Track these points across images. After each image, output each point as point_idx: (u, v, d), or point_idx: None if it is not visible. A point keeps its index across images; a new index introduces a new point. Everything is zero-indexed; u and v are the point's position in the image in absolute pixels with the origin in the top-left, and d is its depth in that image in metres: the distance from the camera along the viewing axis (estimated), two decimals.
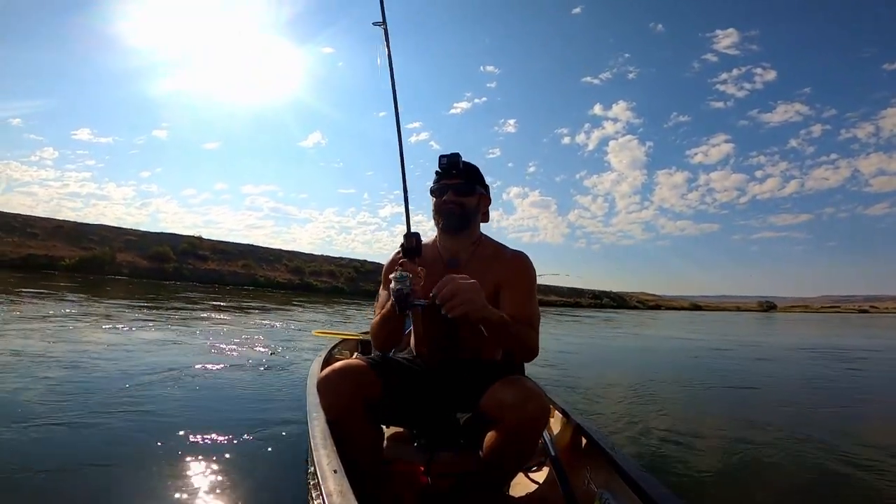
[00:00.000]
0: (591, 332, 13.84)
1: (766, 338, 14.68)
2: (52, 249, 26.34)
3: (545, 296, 55.27)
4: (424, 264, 1.47)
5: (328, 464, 1.12)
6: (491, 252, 1.58)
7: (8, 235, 27.33)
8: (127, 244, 29.59)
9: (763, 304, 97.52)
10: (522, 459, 1.38)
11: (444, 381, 1.46)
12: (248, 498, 1.88)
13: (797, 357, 8.96)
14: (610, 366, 7.05)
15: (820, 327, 23.74)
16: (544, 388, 1.99)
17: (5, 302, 8.89)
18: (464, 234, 1.57)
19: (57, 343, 4.91)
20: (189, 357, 4.71)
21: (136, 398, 3.12)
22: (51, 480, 1.91)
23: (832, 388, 5.64)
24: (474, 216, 1.58)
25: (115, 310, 9.11)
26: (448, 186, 1.55)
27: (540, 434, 1.34)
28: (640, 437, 3.03)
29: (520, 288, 1.49)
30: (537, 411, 1.25)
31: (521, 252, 1.58)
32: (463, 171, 1.56)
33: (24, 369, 3.70)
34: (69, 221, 31.81)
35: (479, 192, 1.59)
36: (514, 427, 1.25)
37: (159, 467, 2.08)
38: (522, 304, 1.45)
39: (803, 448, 2.95)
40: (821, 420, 3.90)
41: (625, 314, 33.13)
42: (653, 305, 72.32)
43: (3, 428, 2.40)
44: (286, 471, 2.12)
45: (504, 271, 1.51)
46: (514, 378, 1.32)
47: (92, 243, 28.58)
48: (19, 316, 6.98)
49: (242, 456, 2.25)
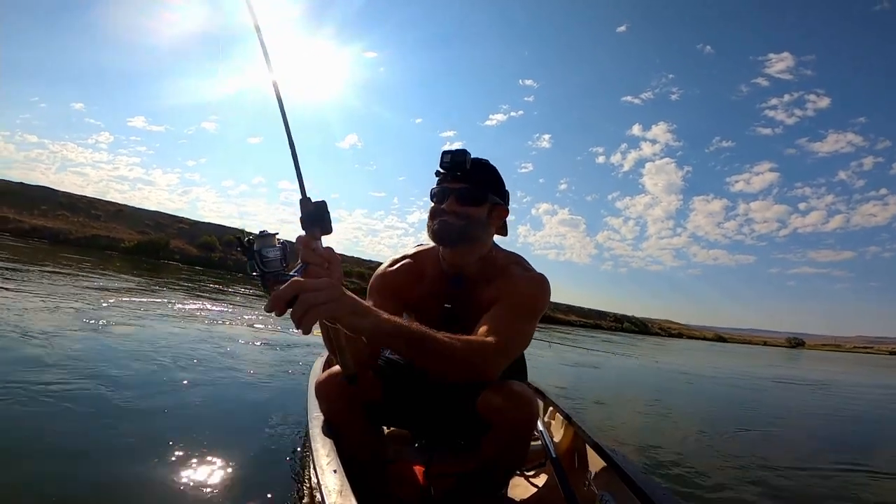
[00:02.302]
0: (580, 355, 12.23)
1: (757, 370, 15.16)
2: (114, 231, 28.77)
3: (565, 315, 55.44)
4: (424, 279, 1.36)
5: (328, 464, 1.13)
6: (501, 269, 1.34)
7: (74, 215, 29.97)
8: (179, 232, 32.00)
9: (791, 341, 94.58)
10: (516, 462, 1.37)
11: (439, 385, 1.34)
12: (248, 497, 1.86)
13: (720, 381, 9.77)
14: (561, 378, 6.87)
15: (826, 364, 23.55)
16: (546, 392, 2.13)
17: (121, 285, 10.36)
18: (464, 246, 1.31)
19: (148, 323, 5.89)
20: (210, 348, 4.73)
21: (136, 394, 3.05)
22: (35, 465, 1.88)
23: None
24: (482, 230, 1.31)
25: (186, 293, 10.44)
26: (450, 191, 1.28)
27: (529, 438, 1.31)
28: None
29: (511, 304, 1.24)
30: (524, 416, 1.23)
31: (538, 274, 1.34)
32: (471, 174, 1.28)
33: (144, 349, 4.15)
34: (129, 206, 34.55)
35: (492, 202, 1.31)
36: (504, 431, 1.24)
37: (156, 465, 2.05)
38: (502, 320, 1.20)
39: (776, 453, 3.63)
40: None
41: (642, 340, 33.35)
42: (675, 333, 71.13)
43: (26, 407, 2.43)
44: (286, 470, 2.12)
45: (508, 286, 1.29)
46: (506, 382, 1.25)
47: (148, 228, 31.06)
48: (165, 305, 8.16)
49: (242, 455, 2.23)
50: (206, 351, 4.61)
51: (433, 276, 1.38)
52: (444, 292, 1.35)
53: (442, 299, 1.35)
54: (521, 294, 1.28)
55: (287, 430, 2.68)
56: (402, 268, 1.41)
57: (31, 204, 29.13)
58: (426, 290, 1.37)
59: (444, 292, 1.35)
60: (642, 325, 66.84)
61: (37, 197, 30.72)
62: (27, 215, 27.37)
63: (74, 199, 33.09)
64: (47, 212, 28.87)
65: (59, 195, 32.79)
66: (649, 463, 2.96)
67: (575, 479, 1.60)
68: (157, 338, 4.84)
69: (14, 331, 4.00)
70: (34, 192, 31.66)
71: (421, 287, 1.38)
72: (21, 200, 29.00)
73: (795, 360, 26.98)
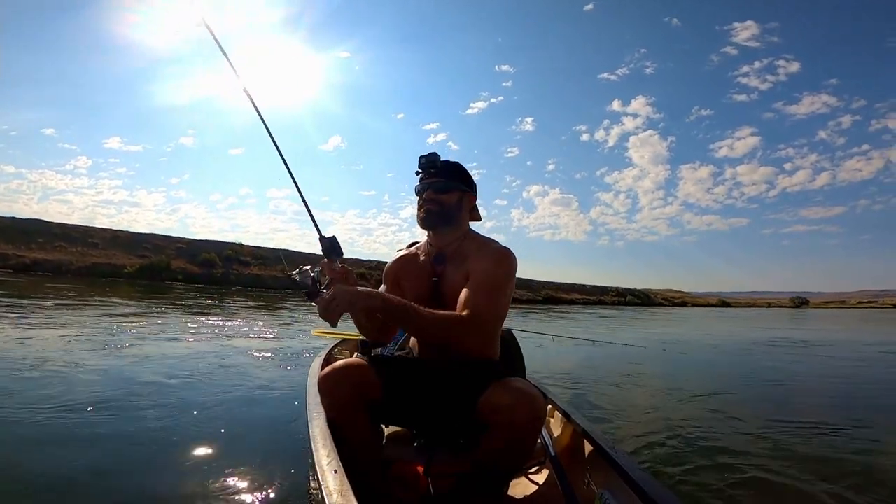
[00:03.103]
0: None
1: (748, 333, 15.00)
2: (113, 258, 28.89)
3: (567, 294, 55.87)
4: (416, 261, 1.65)
5: (328, 464, 1.13)
6: (475, 246, 1.58)
7: (71, 245, 30.01)
8: (178, 252, 32.10)
9: (795, 301, 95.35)
10: (519, 461, 1.39)
11: (441, 381, 1.45)
12: (249, 497, 1.88)
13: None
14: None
15: (835, 322, 23.41)
16: (545, 388, 2.00)
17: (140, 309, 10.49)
18: (445, 229, 1.59)
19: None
20: (223, 353, 5.09)
21: (138, 394, 3.26)
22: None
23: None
24: (455, 213, 1.59)
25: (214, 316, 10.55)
26: (428, 185, 1.57)
27: (536, 436, 1.34)
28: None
29: (480, 281, 1.47)
30: (532, 414, 1.26)
31: (503, 248, 1.57)
32: (442, 170, 1.58)
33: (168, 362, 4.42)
34: (125, 231, 34.59)
35: (460, 190, 1.60)
36: (508, 430, 1.26)
37: (155, 466, 2.12)
38: (473, 295, 1.44)
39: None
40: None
41: (643, 311, 33.26)
42: (679, 302, 71.69)
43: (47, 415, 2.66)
44: (286, 470, 2.14)
45: (476, 263, 1.51)
46: (511, 380, 1.33)
47: (147, 251, 31.14)
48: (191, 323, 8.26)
49: (242, 455, 2.27)
50: (209, 359, 4.84)
51: (424, 259, 1.64)
52: (432, 270, 1.60)
53: (431, 275, 1.60)
54: (487, 271, 1.48)
55: (287, 430, 2.72)
56: (401, 258, 1.72)
57: (27, 238, 29.16)
58: (419, 271, 1.63)
59: (432, 270, 1.60)
60: (645, 297, 67.41)
61: (31, 230, 30.71)
62: (25, 249, 27.44)
63: (68, 228, 33.09)
64: (45, 244, 28.94)
65: (53, 226, 32.78)
66: (654, 459, 2.81)
67: (574, 476, 1.62)
68: (168, 353, 5.07)
69: (35, 361, 4.21)
70: (27, 226, 31.60)
71: (415, 268, 1.65)
72: (15, 235, 29.02)
73: (801, 321, 26.68)
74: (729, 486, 2.33)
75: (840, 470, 2.61)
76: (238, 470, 2.11)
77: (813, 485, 2.40)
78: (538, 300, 44.73)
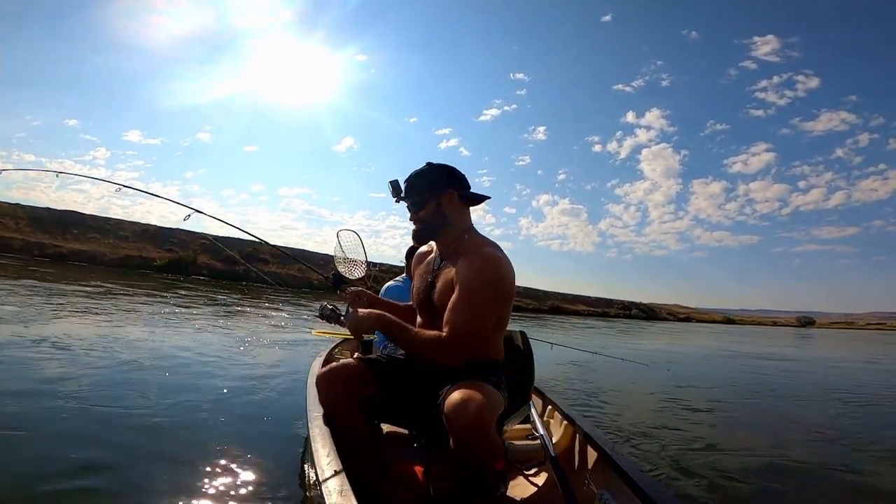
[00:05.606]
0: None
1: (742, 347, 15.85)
2: (144, 251, 30.38)
3: (573, 304, 56.61)
4: (426, 258, 1.74)
5: (328, 464, 1.16)
6: (467, 249, 1.56)
7: (104, 237, 31.51)
8: (202, 247, 33.50)
9: (801, 320, 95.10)
10: (479, 461, 1.34)
11: (432, 382, 1.46)
12: (249, 497, 1.88)
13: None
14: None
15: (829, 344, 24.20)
16: (545, 391, 2.13)
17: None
18: (439, 236, 1.65)
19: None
20: (230, 351, 5.35)
21: (139, 391, 3.31)
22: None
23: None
24: (439, 220, 1.60)
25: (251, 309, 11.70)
26: (407, 208, 1.64)
27: (484, 437, 1.30)
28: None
29: (463, 292, 1.45)
30: (475, 415, 1.26)
31: (490, 254, 1.51)
32: (408, 192, 1.62)
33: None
34: (152, 225, 35.94)
35: (434, 197, 1.59)
36: (456, 430, 1.28)
37: (157, 466, 2.10)
38: (455, 311, 1.43)
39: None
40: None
41: (645, 325, 33.94)
42: (684, 318, 71.63)
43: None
44: (286, 470, 2.14)
45: (463, 269, 1.49)
46: (466, 382, 1.35)
47: (174, 245, 32.59)
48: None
49: (243, 456, 2.26)
50: (221, 356, 5.15)
51: (431, 257, 1.72)
52: (432, 269, 1.67)
53: (430, 274, 1.67)
54: (469, 281, 1.46)
55: (287, 430, 2.74)
56: (420, 253, 1.84)
57: (62, 228, 30.63)
58: (425, 268, 1.72)
59: (432, 269, 1.67)
60: (650, 311, 67.55)
61: (65, 221, 32.14)
62: (61, 239, 28.93)
63: (100, 220, 34.57)
64: (79, 235, 30.43)
65: (87, 218, 34.24)
66: (655, 461, 2.85)
67: (574, 477, 1.62)
68: (179, 347, 5.47)
69: (79, 345, 4.68)
70: (61, 216, 32.99)
71: (423, 266, 1.75)
72: (50, 225, 30.45)
73: (806, 340, 26.51)
74: (728, 486, 2.37)
75: (832, 478, 2.76)
76: (238, 470, 2.12)
77: (805, 490, 2.48)
78: (544, 309, 45.61)
